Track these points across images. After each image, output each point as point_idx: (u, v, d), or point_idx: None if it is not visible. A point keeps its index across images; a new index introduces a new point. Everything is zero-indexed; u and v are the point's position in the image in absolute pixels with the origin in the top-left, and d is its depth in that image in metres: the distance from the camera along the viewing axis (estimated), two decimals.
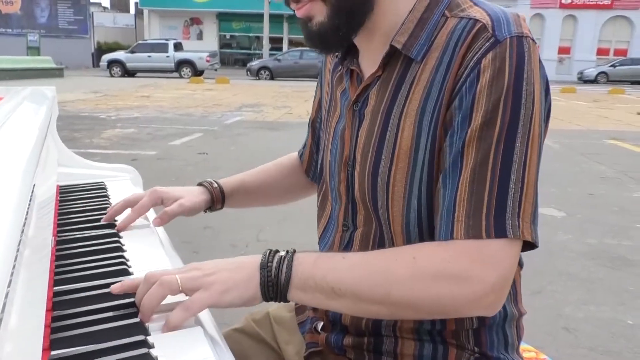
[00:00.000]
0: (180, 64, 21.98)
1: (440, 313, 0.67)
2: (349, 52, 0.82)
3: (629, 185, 5.13)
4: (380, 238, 0.78)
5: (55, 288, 0.71)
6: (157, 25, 30.31)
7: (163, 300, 0.64)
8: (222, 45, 31.07)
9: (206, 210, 1.02)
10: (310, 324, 0.87)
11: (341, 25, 0.72)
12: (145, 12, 30.17)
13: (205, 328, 0.65)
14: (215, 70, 23.80)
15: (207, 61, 22.15)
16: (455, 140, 0.66)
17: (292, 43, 28.57)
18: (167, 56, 21.92)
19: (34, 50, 23.56)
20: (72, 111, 9.82)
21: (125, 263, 0.79)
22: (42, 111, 1.18)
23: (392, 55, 0.74)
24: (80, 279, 0.73)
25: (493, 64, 0.65)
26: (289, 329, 0.93)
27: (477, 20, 0.68)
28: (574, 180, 5.27)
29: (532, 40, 0.67)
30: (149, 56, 21.88)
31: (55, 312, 0.66)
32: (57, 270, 0.77)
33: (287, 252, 0.68)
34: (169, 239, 0.98)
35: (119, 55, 22.59)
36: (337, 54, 0.85)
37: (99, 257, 0.81)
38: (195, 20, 30.40)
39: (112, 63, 22.08)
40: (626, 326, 2.43)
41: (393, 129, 0.72)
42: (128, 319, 0.63)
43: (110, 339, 0.58)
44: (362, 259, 0.67)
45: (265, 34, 24.98)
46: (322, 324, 0.85)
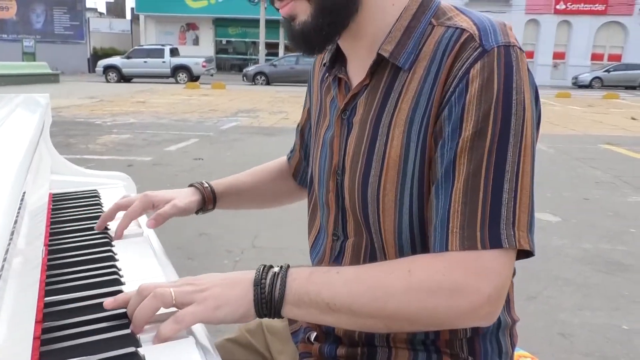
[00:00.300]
0: (177, 69, 21.97)
1: (436, 325, 0.67)
2: (337, 60, 0.82)
3: (623, 190, 5.14)
4: (372, 248, 0.77)
5: (46, 299, 0.70)
6: (153, 31, 30.32)
7: (156, 312, 0.64)
8: (219, 50, 31.11)
9: (198, 212, 1.02)
10: (304, 334, 0.87)
11: (324, 25, 0.71)
12: (142, 17, 30.19)
13: (197, 338, 0.64)
14: (212, 75, 23.81)
15: (203, 66, 22.15)
16: (447, 151, 0.66)
17: (288, 48, 28.60)
18: (163, 61, 21.90)
19: (29, 55, 23.51)
20: (68, 117, 9.80)
21: (117, 273, 0.78)
22: (34, 119, 1.18)
23: (380, 63, 0.74)
24: (72, 290, 0.73)
25: (481, 74, 0.65)
26: (282, 339, 0.92)
27: (464, 30, 0.68)
28: (569, 185, 5.29)
29: (520, 49, 0.67)
30: (145, 61, 21.86)
31: (45, 323, 0.65)
32: (48, 280, 0.76)
33: (280, 267, 0.67)
34: (162, 247, 0.97)
35: (115, 60, 22.56)
36: (325, 62, 0.85)
37: (90, 267, 0.80)
38: (191, 26, 30.43)
39: (108, 68, 22.05)
40: (622, 332, 2.43)
41: (382, 138, 0.72)
42: (119, 330, 0.62)
43: (101, 351, 0.58)
44: (357, 273, 0.67)
45: (262, 39, 25.03)
46: (315, 334, 0.85)
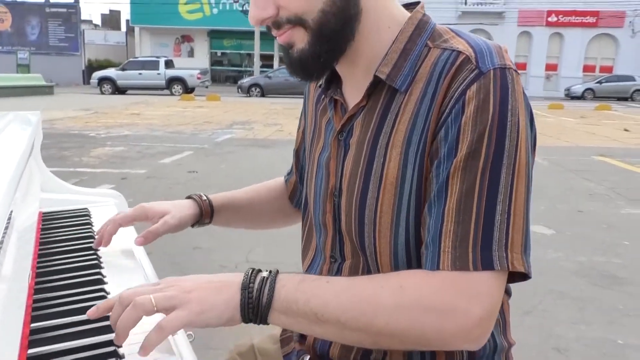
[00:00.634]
0: (171, 81, 22.00)
1: (425, 345, 0.66)
2: (332, 81, 0.82)
3: (617, 202, 5.16)
4: (368, 271, 0.76)
5: (32, 325, 0.69)
6: (148, 43, 30.39)
7: (138, 322, 0.63)
8: (213, 62, 31.19)
9: (193, 225, 1.00)
10: (297, 357, 0.85)
11: (322, 52, 0.71)
12: (137, 29, 30.27)
13: (184, 358, 0.64)
14: (206, 87, 23.84)
15: (198, 78, 22.19)
16: (442, 170, 0.66)
17: (283, 60, 28.72)
18: (158, 73, 21.93)
19: (23, 67, 23.50)
20: (62, 129, 9.78)
21: (105, 297, 0.77)
22: (24, 137, 1.17)
23: (377, 85, 0.74)
24: (59, 315, 0.72)
25: (477, 96, 0.65)
26: None
27: (460, 52, 0.68)
28: (563, 197, 5.31)
29: (515, 71, 0.68)
30: (140, 73, 21.88)
31: (30, 350, 0.64)
32: (35, 305, 0.75)
33: (270, 272, 0.67)
34: (154, 269, 0.96)
35: (110, 72, 22.58)
36: (320, 84, 0.85)
37: (78, 291, 0.79)
38: (186, 38, 30.52)
39: (102, 80, 22.05)
40: (617, 346, 2.42)
41: (379, 159, 0.72)
42: (103, 348, 0.61)
43: None
44: (348, 284, 0.66)
45: (256, 51, 25.12)
46: (308, 357, 0.84)
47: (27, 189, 1.11)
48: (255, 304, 0.64)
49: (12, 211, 0.80)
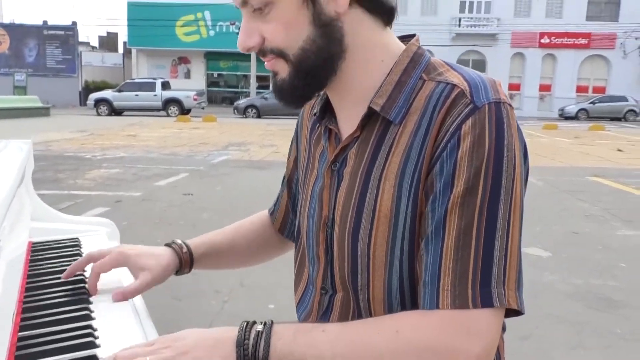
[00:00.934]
0: (168, 102, 22.08)
1: None
2: (327, 110, 0.82)
3: (612, 223, 5.17)
4: (358, 305, 0.76)
5: None
6: (145, 64, 30.61)
7: None
8: (210, 83, 31.39)
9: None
10: None
11: (299, 86, 0.73)
12: (134, 51, 30.50)
13: None
14: (203, 108, 23.94)
15: (195, 99, 22.29)
16: (438, 206, 0.66)
17: None
18: (155, 95, 22.02)
19: (20, 89, 23.58)
20: (57, 151, 9.77)
21: (92, 334, 0.76)
22: (14, 166, 1.16)
23: (371, 116, 0.74)
24: (43, 355, 0.70)
25: (473, 131, 0.65)
26: None
27: (455, 85, 0.69)
28: (558, 219, 5.31)
29: (510, 105, 0.68)
30: (137, 95, 21.97)
31: None
32: (20, 344, 0.73)
33: (264, 325, 0.66)
34: (144, 304, 0.94)
35: (106, 94, 22.67)
36: (315, 112, 0.86)
37: (65, 328, 0.77)
38: (183, 59, 30.76)
39: (99, 102, 22.11)
40: None
41: (373, 190, 0.72)
42: None
43: None
44: (343, 332, 0.65)
45: (253, 72, 25.32)
46: None
47: (17, 218, 1.10)
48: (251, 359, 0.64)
49: None
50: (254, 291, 3.21)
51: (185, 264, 0.95)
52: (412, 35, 0.79)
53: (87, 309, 0.85)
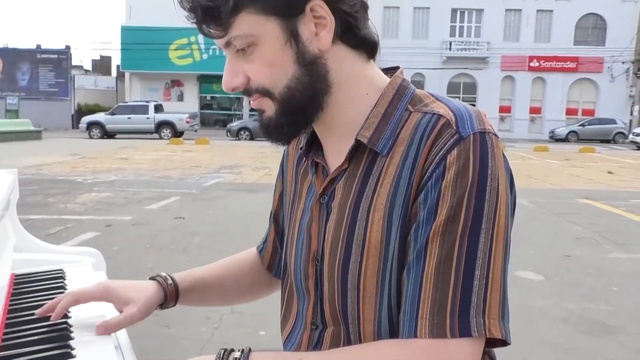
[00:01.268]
0: (160, 125, 22.11)
1: None
2: (314, 144, 0.82)
3: (604, 246, 5.17)
4: (349, 341, 0.75)
5: None
6: (138, 87, 30.72)
7: None
8: (203, 106, 31.53)
9: (156, 308, 0.96)
10: None
11: (285, 124, 0.74)
12: (127, 74, 30.64)
13: None
14: (195, 131, 23.99)
15: (187, 122, 22.34)
16: (420, 234, 0.66)
17: None
18: (147, 118, 22.06)
19: (12, 113, 23.54)
20: (48, 175, 9.71)
21: None
22: None
23: (358, 149, 0.74)
24: None
25: (458, 161, 0.66)
26: None
27: (441, 116, 0.69)
28: (550, 242, 5.31)
29: (495, 135, 0.69)
30: (129, 118, 21.99)
31: None
32: None
33: (242, 352, 0.66)
34: (129, 339, 0.92)
35: (99, 117, 22.68)
36: (302, 146, 0.85)
37: None
38: (176, 82, 30.93)
39: (91, 125, 22.11)
40: None
41: (362, 222, 0.72)
42: None
43: None
44: None
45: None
46: None
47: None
48: None
49: None
50: (245, 318, 3.17)
51: (170, 296, 0.92)
52: (396, 68, 0.80)
53: (68, 346, 0.83)
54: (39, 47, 30.80)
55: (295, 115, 0.73)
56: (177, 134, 22.04)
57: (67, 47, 30.90)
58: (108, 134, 22.04)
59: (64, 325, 0.91)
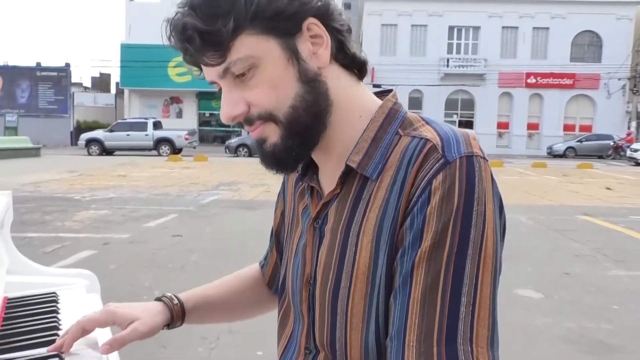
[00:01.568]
0: (159, 142, 22.14)
1: None
2: (310, 168, 0.82)
3: (604, 264, 5.15)
4: None
5: None
6: (137, 104, 30.85)
7: None
8: (202, 122, 31.62)
9: (164, 328, 0.95)
10: None
11: (294, 146, 0.72)
12: (126, 91, 30.79)
13: None
14: (194, 147, 24.02)
15: (186, 139, 22.39)
16: (406, 260, 0.65)
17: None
18: (146, 134, 22.10)
19: (11, 130, 23.59)
20: (46, 192, 9.69)
21: None
22: None
23: (349, 173, 0.74)
24: None
25: (443, 185, 0.65)
26: None
27: (427, 140, 0.69)
28: (549, 259, 5.29)
29: (483, 158, 0.67)
30: (128, 134, 22.04)
31: None
32: None
33: None
34: None
35: (97, 134, 22.73)
36: (298, 170, 0.85)
37: None
38: (175, 99, 31.07)
39: (90, 142, 22.14)
40: None
41: (351, 247, 0.71)
42: None
43: None
44: None
45: None
46: None
47: None
48: None
49: None
50: (242, 337, 3.14)
51: (177, 316, 0.92)
52: (389, 91, 0.80)
53: None
54: (38, 65, 30.98)
55: (302, 136, 0.72)
56: (176, 150, 22.07)
57: (67, 65, 31.08)
58: (107, 151, 22.06)
59: (57, 356, 0.89)
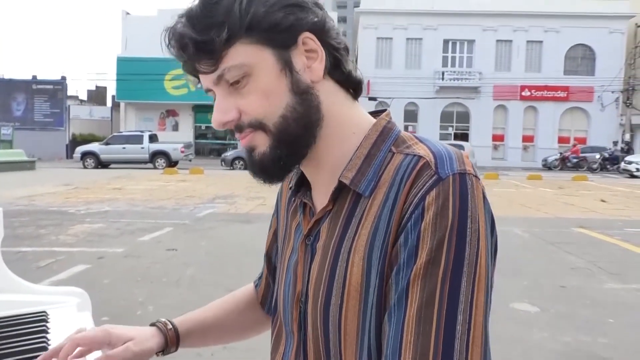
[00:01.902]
0: (155, 155, 22.13)
1: None
2: (303, 184, 0.82)
3: (599, 277, 5.15)
4: None
5: None
6: (133, 117, 30.86)
7: None
8: (198, 135, 31.64)
9: (159, 354, 0.94)
10: None
11: (282, 156, 0.72)
12: (122, 104, 30.81)
13: None
14: (190, 160, 24.01)
15: (182, 152, 22.39)
16: (401, 277, 0.65)
17: None
18: (142, 147, 22.09)
19: (6, 143, 23.52)
20: (41, 205, 9.65)
21: None
22: None
23: (342, 190, 0.74)
24: None
25: (437, 202, 0.65)
26: None
27: (420, 157, 0.69)
28: (545, 272, 5.28)
29: (475, 177, 0.68)
30: (124, 147, 22.02)
31: None
32: None
33: None
34: None
35: (93, 147, 22.69)
36: (291, 186, 0.85)
37: None
38: (171, 112, 31.09)
39: (85, 155, 22.11)
40: None
41: (342, 264, 0.71)
42: None
43: None
44: None
45: None
46: None
47: None
48: None
49: None
50: (237, 353, 3.11)
51: (171, 341, 0.91)
52: (383, 110, 0.80)
53: None
54: (34, 78, 31.00)
55: (291, 146, 0.72)
56: (172, 163, 22.04)
57: (63, 78, 31.12)
58: (102, 164, 22.02)
59: None
